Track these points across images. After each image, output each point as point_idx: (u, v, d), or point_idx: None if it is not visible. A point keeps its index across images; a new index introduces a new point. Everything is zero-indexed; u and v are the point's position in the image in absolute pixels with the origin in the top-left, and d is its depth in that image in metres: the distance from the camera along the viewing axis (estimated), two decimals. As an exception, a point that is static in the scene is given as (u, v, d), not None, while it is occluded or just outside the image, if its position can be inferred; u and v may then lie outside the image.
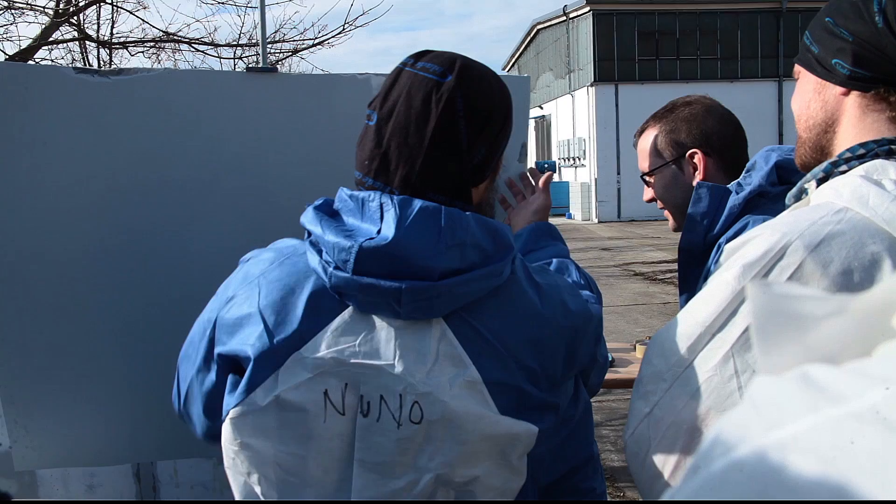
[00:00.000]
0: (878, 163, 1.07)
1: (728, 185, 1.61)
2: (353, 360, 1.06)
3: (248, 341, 1.08)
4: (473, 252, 1.07)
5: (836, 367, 0.41)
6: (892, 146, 1.09)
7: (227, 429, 1.09)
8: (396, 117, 1.11)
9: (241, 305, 1.11)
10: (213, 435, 1.17)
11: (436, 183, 1.11)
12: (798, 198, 1.19)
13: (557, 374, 1.14)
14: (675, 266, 1.65)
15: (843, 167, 1.11)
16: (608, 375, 3.61)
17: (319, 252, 1.08)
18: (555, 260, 1.46)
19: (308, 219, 1.12)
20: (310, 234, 1.12)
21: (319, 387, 1.06)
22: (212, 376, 1.14)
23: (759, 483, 0.36)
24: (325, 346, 1.06)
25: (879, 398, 0.37)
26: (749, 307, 0.48)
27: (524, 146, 1.93)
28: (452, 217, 1.06)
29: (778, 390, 0.41)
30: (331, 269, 1.05)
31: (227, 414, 1.09)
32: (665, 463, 1.08)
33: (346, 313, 1.07)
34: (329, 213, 1.12)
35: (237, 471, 1.10)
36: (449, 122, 1.10)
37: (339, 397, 1.06)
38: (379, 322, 1.07)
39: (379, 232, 1.05)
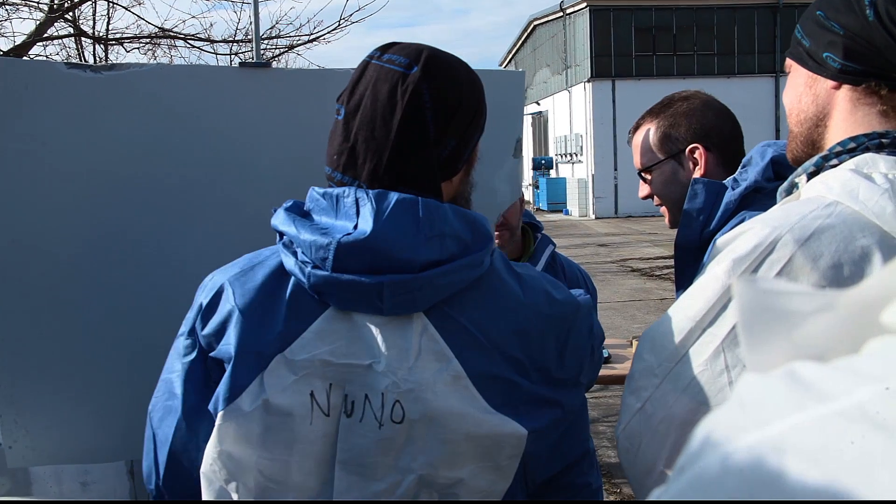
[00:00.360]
0: (868, 156, 1.07)
1: (724, 181, 1.60)
2: (336, 361, 1.04)
3: (229, 341, 1.06)
4: (453, 243, 1.05)
5: (824, 364, 0.41)
6: (883, 140, 1.09)
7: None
8: (363, 111, 1.10)
9: (220, 312, 1.08)
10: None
11: (404, 177, 1.08)
12: (789, 192, 1.19)
13: (551, 366, 1.12)
14: (673, 262, 1.64)
15: (834, 161, 1.11)
16: (605, 371, 3.61)
17: (294, 253, 1.06)
18: None
19: (280, 220, 1.10)
20: (281, 236, 1.10)
21: (305, 388, 1.04)
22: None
23: (746, 483, 0.36)
24: (309, 347, 1.04)
25: (867, 397, 0.37)
26: (735, 304, 0.47)
27: (519, 141, 1.92)
28: (430, 208, 1.04)
29: (765, 388, 0.41)
30: (309, 269, 1.04)
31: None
32: (657, 458, 1.08)
33: (327, 313, 1.06)
34: (300, 213, 1.10)
35: (214, 477, 1.07)
36: (415, 114, 1.08)
37: (324, 398, 1.04)
38: (360, 319, 1.05)
39: (356, 227, 1.03)
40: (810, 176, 1.13)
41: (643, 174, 1.82)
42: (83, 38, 8.33)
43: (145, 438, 1.15)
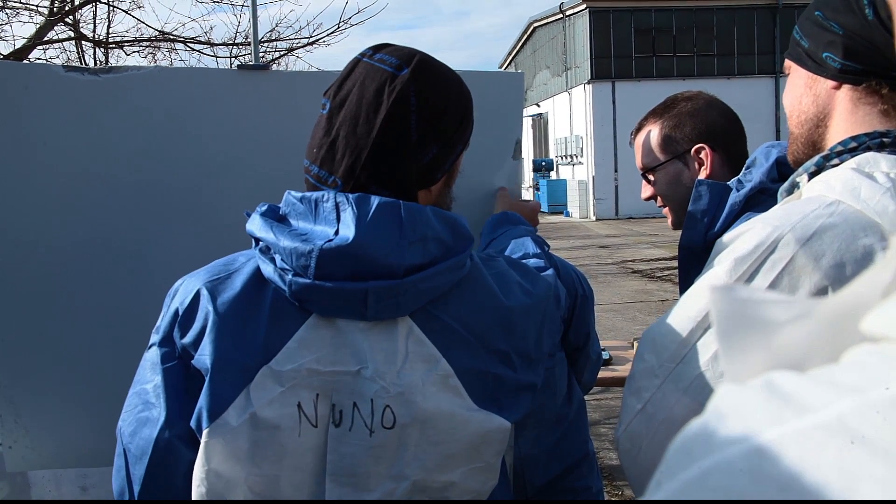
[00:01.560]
0: (869, 155, 1.06)
1: (728, 182, 1.59)
2: (324, 369, 1.02)
3: (205, 351, 1.03)
4: (435, 246, 1.04)
5: (803, 374, 0.40)
6: (884, 139, 1.09)
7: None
8: (348, 106, 1.09)
9: (198, 319, 1.05)
10: None
11: (380, 177, 1.07)
12: (790, 192, 1.18)
13: (531, 350, 1.12)
14: (673, 263, 1.63)
15: (835, 160, 1.10)
16: (606, 373, 3.60)
17: (273, 260, 1.04)
18: (511, 242, 1.44)
19: (257, 226, 1.07)
20: (257, 242, 1.08)
21: (293, 400, 1.02)
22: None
23: (724, 497, 0.35)
24: (294, 356, 1.02)
25: (847, 409, 0.36)
26: (712, 312, 0.47)
27: (518, 143, 1.91)
28: (412, 211, 1.03)
29: (743, 400, 0.40)
30: (290, 277, 1.01)
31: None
32: (658, 460, 1.07)
33: (310, 320, 1.03)
34: (276, 218, 1.08)
35: (202, 499, 1.04)
36: (399, 115, 1.07)
37: (311, 409, 1.02)
38: (344, 326, 1.03)
39: (337, 233, 1.01)
40: (811, 175, 1.13)
41: (647, 175, 1.81)
42: (83, 42, 8.33)
43: (115, 456, 1.10)
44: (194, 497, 1.05)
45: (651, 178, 1.80)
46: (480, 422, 1.05)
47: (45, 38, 7.38)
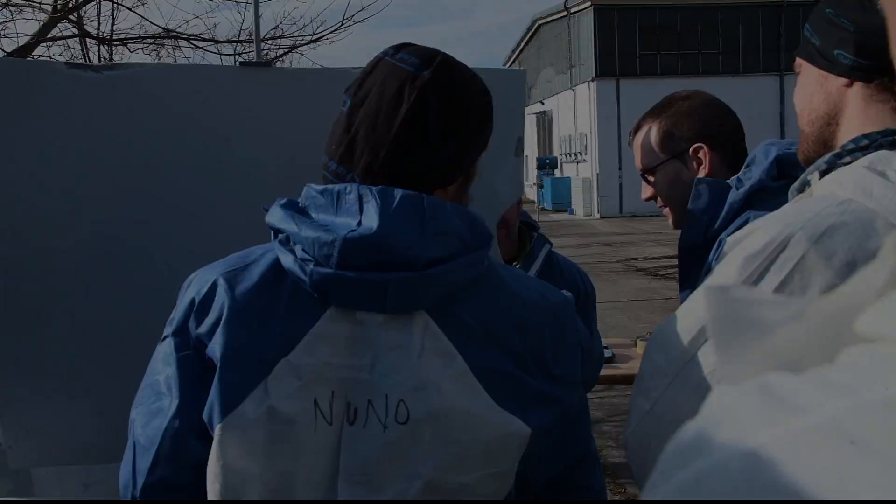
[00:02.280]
0: (882, 154, 1.05)
1: (728, 181, 1.59)
2: (340, 363, 1.02)
3: (218, 341, 1.03)
4: (455, 241, 1.05)
5: (797, 375, 0.40)
6: None
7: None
8: (368, 104, 1.09)
9: (214, 310, 1.05)
10: None
11: (399, 175, 1.07)
12: (801, 190, 1.17)
13: (548, 360, 1.11)
14: (677, 262, 1.62)
15: (847, 158, 1.09)
16: (609, 371, 3.60)
17: (292, 251, 1.04)
18: None
19: (277, 218, 1.07)
20: (275, 234, 1.08)
21: (310, 395, 1.02)
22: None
23: (717, 499, 0.35)
24: (313, 350, 1.02)
25: (842, 410, 0.36)
26: (707, 313, 0.47)
27: (520, 140, 1.91)
28: (434, 205, 1.03)
29: (737, 401, 0.40)
30: (311, 267, 1.01)
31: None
32: None
33: (329, 313, 1.03)
34: (297, 210, 1.08)
35: (218, 496, 1.03)
36: (419, 114, 1.07)
37: (327, 406, 1.02)
38: (363, 318, 1.03)
39: (360, 224, 1.01)
40: (822, 174, 1.12)
41: (646, 175, 1.80)
42: (87, 39, 8.33)
43: (126, 449, 1.10)
44: (210, 494, 1.04)
45: (651, 178, 1.79)
46: (498, 425, 1.05)
47: (49, 36, 7.38)
